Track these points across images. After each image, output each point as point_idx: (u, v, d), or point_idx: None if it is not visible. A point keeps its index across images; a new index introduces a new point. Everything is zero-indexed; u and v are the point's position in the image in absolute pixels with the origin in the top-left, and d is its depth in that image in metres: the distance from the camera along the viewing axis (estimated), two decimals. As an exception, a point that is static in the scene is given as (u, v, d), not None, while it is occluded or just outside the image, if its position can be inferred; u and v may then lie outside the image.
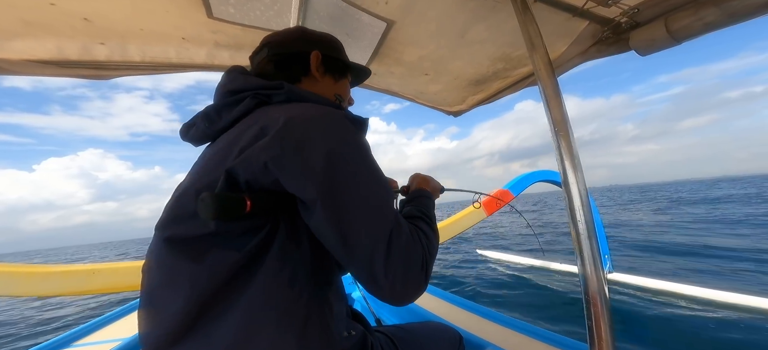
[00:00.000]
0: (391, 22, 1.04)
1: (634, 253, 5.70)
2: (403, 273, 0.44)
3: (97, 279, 2.67)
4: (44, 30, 0.86)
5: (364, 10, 1.00)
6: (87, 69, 1.01)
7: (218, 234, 0.44)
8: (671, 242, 6.27)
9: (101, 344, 1.14)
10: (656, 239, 6.83)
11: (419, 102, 1.70)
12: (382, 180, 0.48)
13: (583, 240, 0.61)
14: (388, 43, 1.17)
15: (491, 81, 1.41)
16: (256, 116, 0.50)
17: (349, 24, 1.09)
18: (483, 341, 1.02)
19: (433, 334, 0.80)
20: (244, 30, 1.08)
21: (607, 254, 3.46)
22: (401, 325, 0.78)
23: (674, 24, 0.76)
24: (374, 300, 1.58)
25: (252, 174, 0.44)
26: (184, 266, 0.44)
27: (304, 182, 0.43)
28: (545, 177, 3.72)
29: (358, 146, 0.48)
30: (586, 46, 1.03)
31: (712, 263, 4.55)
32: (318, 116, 0.47)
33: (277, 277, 0.44)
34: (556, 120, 0.68)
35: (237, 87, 0.55)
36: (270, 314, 0.43)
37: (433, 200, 0.71)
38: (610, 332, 0.57)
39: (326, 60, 0.66)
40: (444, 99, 1.63)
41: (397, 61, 1.29)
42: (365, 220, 0.44)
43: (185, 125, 0.61)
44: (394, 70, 1.36)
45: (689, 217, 10.56)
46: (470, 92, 1.53)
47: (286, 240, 0.46)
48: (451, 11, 0.97)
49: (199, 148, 0.61)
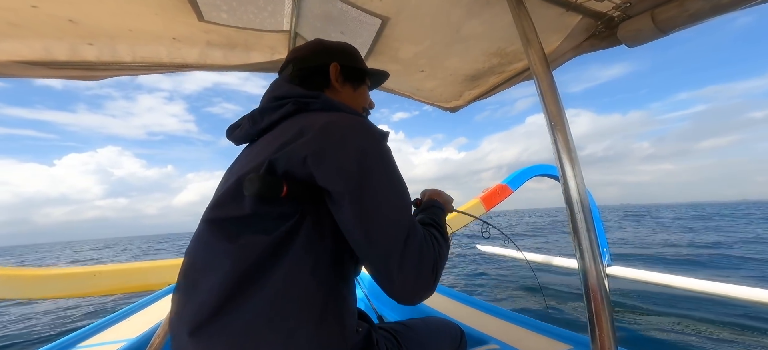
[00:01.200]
0: (385, 19, 1.04)
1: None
2: (415, 273, 0.49)
3: (98, 281, 2.67)
4: (29, 31, 0.84)
5: (358, 8, 0.99)
6: (76, 70, 1.00)
7: (254, 216, 0.49)
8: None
9: (107, 345, 1.13)
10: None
11: (416, 98, 1.70)
12: (403, 186, 0.54)
13: (582, 234, 0.61)
14: (383, 41, 1.16)
15: (487, 76, 1.41)
16: (296, 120, 0.57)
17: (344, 22, 1.08)
18: (484, 335, 1.03)
19: (434, 329, 0.81)
20: (238, 30, 1.07)
21: (606, 248, 3.48)
22: (403, 321, 0.78)
23: (660, 15, 0.77)
24: (376, 298, 1.58)
25: (291, 166, 0.49)
26: (221, 246, 0.49)
27: (336, 178, 0.48)
28: (543, 171, 3.73)
29: (385, 153, 0.53)
30: (580, 41, 1.03)
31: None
32: (353, 123, 0.53)
33: (301, 265, 0.48)
34: (552, 114, 0.68)
35: (282, 94, 0.62)
36: (292, 299, 0.46)
37: (445, 212, 0.74)
38: (610, 323, 0.57)
39: (345, 70, 0.71)
40: (440, 95, 1.63)
41: (392, 58, 1.28)
42: (387, 219, 0.49)
43: (231, 125, 0.70)
44: (390, 68, 1.36)
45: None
46: (466, 87, 1.53)
47: (312, 231, 0.50)
48: (446, 7, 0.97)
49: (238, 149, 0.69)
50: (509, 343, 0.98)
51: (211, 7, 0.91)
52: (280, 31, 1.14)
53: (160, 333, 0.96)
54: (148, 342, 0.93)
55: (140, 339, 1.06)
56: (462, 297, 1.48)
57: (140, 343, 1.04)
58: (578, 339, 0.99)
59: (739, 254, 6.41)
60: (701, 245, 7.88)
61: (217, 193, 0.57)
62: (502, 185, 3.73)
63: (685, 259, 6.01)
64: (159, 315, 1.38)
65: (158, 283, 2.43)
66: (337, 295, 0.51)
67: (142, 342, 1.03)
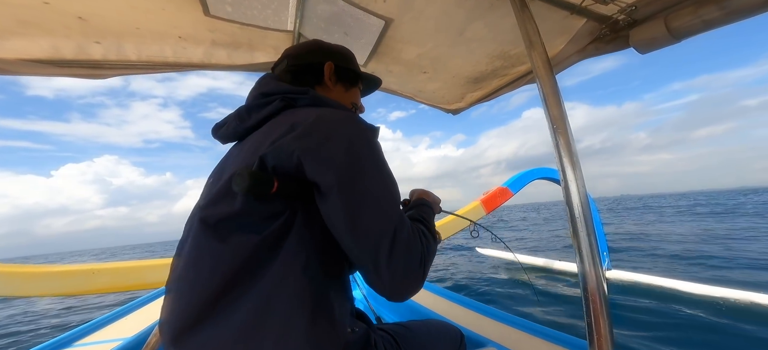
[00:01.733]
0: (389, 21, 1.04)
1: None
2: (403, 267, 0.48)
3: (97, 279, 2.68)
4: (39, 29, 0.85)
5: (362, 9, 0.99)
6: (83, 68, 1.00)
7: (244, 214, 0.49)
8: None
9: (102, 344, 1.14)
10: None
11: (418, 100, 1.70)
12: (391, 180, 0.53)
13: (582, 238, 0.61)
14: (386, 42, 1.16)
15: (490, 79, 1.41)
16: (285, 116, 0.56)
17: (347, 23, 1.08)
18: (483, 338, 1.03)
19: (434, 332, 0.81)
20: (242, 28, 1.08)
21: (606, 252, 3.47)
22: (402, 323, 0.78)
23: (674, 22, 0.77)
24: (375, 299, 1.58)
25: (280, 160, 0.49)
26: (212, 245, 0.49)
27: (326, 170, 0.48)
28: (544, 175, 3.72)
29: (374, 147, 0.53)
30: (584, 44, 1.03)
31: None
32: (342, 117, 0.54)
33: (292, 264, 0.47)
34: (555, 118, 0.68)
35: (269, 90, 0.62)
36: (282, 299, 0.46)
37: (433, 210, 0.74)
38: (609, 328, 0.58)
39: (338, 70, 0.72)
40: (443, 97, 1.63)
41: (395, 59, 1.28)
42: (374, 212, 0.48)
43: (217, 124, 0.68)
44: (392, 69, 1.36)
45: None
46: (469, 90, 1.53)
47: (303, 229, 0.49)
48: (450, 9, 0.97)
49: (224, 148, 0.69)
50: (507, 346, 0.98)
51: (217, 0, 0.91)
52: (284, 30, 1.15)
53: (157, 333, 0.96)
54: (144, 341, 0.93)
55: (136, 338, 1.07)
56: (462, 299, 1.48)
57: (136, 342, 1.04)
58: (576, 343, 0.99)
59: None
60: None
61: (206, 191, 0.57)
62: (502, 188, 3.72)
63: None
64: (155, 314, 1.39)
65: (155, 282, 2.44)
66: (330, 294, 0.51)
67: (138, 342, 1.04)
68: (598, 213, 3.55)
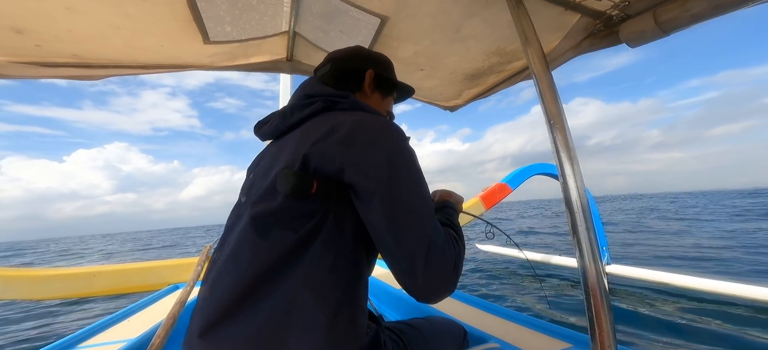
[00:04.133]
0: (384, 18, 1.04)
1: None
2: (438, 271, 0.50)
3: (98, 281, 2.67)
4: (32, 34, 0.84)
5: (357, 7, 0.99)
6: (76, 69, 0.99)
7: (283, 210, 0.51)
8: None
9: (107, 345, 1.13)
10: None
11: (415, 98, 1.70)
12: (426, 187, 0.56)
13: (581, 233, 0.61)
14: (382, 40, 1.16)
15: (486, 75, 1.41)
16: (325, 117, 0.58)
17: (343, 21, 1.08)
18: (486, 334, 1.03)
19: (437, 329, 0.81)
20: (241, 44, 1.07)
21: (605, 246, 3.48)
22: (407, 321, 0.79)
23: (662, 16, 0.78)
24: (376, 297, 1.58)
25: (322, 162, 0.51)
26: (253, 240, 0.51)
27: (367, 175, 0.50)
28: (543, 170, 3.73)
29: (412, 155, 0.56)
30: (579, 40, 1.03)
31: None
32: (382, 123, 0.56)
33: (320, 262, 0.49)
34: (552, 113, 0.68)
35: (313, 92, 0.64)
36: (309, 294, 0.47)
37: (458, 212, 0.75)
38: (610, 322, 0.58)
39: (378, 78, 0.74)
40: (440, 94, 1.63)
41: (392, 57, 1.26)
42: (414, 218, 0.50)
43: (260, 121, 0.71)
44: (389, 68, 1.36)
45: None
46: (466, 87, 1.53)
47: (334, 228, 0.51)
48: (445, 6, 0.97)
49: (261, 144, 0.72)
50: (510, 342, 0.98)
51: (216, 22, 0.90)
52: (280, 33, 1.15)
53: (161, 334, 0.96)
54: (149, 342, 0.93)
55: (140, 339, 1.06)
56: (464, 296, 1.48)
57: (140, 344, 1.04)
58: (578, 337, 0.99)
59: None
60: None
61: (254, 188, 0.58)
62: (501, 184, 3.73)
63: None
64: (159, 315, 1.38)
65: (158, 283, 2.43)
66: (352, 294, 0.52)
67: (142, 343, 1.03)
68: (597, 208, 3.56)
